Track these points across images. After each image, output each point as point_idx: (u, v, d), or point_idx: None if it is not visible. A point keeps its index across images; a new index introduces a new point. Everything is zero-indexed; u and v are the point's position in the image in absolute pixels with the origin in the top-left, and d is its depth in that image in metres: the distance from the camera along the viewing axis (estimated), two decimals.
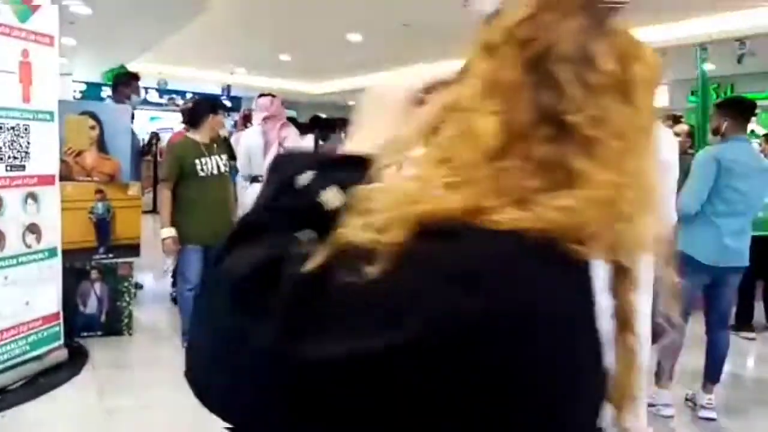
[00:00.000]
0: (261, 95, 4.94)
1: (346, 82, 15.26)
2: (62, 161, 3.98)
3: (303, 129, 6.00)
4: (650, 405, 3.43)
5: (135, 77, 5.26)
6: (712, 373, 3.44)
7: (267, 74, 14.95)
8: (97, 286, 4.21)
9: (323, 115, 5.87)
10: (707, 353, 3.47)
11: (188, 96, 13.25)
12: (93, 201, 4.13)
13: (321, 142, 5.37)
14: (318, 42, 10.37)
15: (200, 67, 13.84)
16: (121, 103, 4.87)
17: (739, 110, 3.37)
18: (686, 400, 3.56)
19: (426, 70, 0.76)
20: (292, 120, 8.00)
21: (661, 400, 3.40)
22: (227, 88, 14.97)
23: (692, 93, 10.74)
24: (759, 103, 10.31)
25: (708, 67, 8.36)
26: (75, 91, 15.31)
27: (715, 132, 3.40)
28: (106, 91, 10.95)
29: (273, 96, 4.84)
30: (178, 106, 11.77)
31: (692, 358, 3.59)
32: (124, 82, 5.12)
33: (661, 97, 11.73)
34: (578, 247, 0.48)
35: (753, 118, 10.57)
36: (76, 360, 3.79)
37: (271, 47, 11.41)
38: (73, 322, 4.04)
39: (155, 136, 8.15)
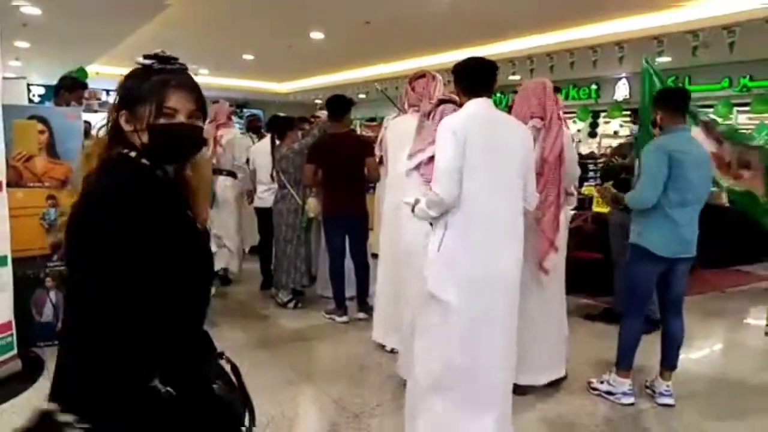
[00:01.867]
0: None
1: (311, 80, 15.19)
2: (11, 167, 3.88)
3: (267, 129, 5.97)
4: (609, 393, 3.48)
5: (82, 85, 4.97)
6: (669, 360, 3.50)
7: (231, 74, 14.79)
8: (53, 293, 4.10)
9: (282, 114, 5.80)
10: (663, 340, 3.53)
11: None
12: (45, 207, 4.02)
13: (277, 142, 5.31)
14: (281, 41, 10.28)
15: None
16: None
17: (671, 100, 3.41)
18: (645, 387, 3.61)
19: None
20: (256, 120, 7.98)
21: (620, 389, 3.45)
22: None
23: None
24: (714, 93, 10.59)
25: (664, 59, 8.54)
26: (33, 95, 14.95)
27: (654, 124, 3.48)
28: None
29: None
30: None
31: (648, 345, 3.65)
32: (67, 87, 4.79)
33: (621, 90, 11.95)
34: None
35: (710, 110, 10.80)
36: (31, 370, 3.69)
37: (234, 47, 11.27)
38: (29, 331, 3.93)
39: None
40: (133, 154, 1.29)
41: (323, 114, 5.19)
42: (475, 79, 2.77)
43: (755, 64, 9.62)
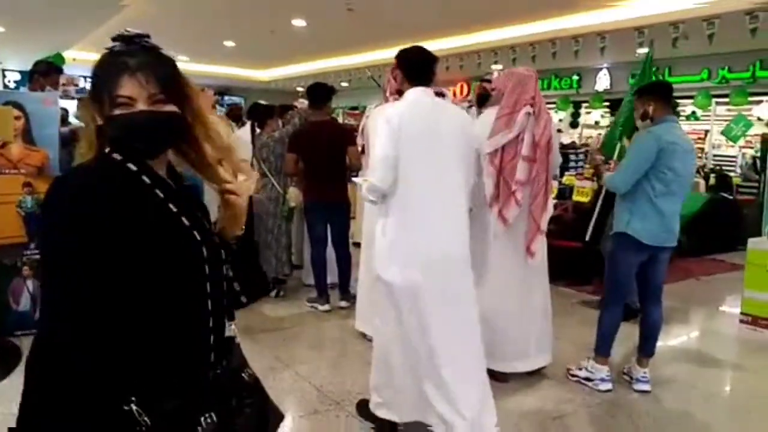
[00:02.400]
0: None
1: (293, 67, 15.07)
2: None
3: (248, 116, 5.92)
4: (587, 380, 3.53)
5: (57, 70, 4.81)
6: (646, 348, 3.55)
7: (212, 61, 14.62)
8: (30, 282, 4.05)
9: (263, 102, 5.74)
10: (641, 328, 3.59)
11: None
12: (21, 194, 3.95)
13: (258, 130, 5.26)
14: (262, 28, 10.18)
15: None
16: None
17: (662, 93, 3.47)
18: (623, 374, 3.67)
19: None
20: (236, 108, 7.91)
21: (598, 375, 3.51)
22: None
23: (632, 76, 11.04)
24: (694, 85, 10.68)
25: (645, 50, 8.58)
26: (9, 81, 14.67)
27: (644, 117, 3.49)
28: None
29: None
30: None
31: (626, 333, 3.71)
32: (42, 72, 4.66)
33: (602, 81, 12.03)
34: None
35: (689, 101, 10.91)
36: (8, 360, 3.65)
37: (215, 33, 11.14)
38: (5, 320, 3.89)
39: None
40: (107, 149, 1.19)
41: (303, 103, 5.16)
42: (415, 68, 2.82)
43: (733, 56, 9.74)
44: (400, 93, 2.88)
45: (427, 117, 2.71)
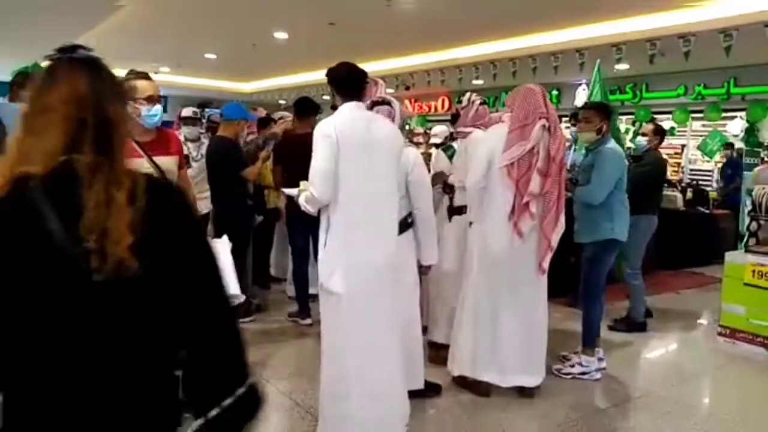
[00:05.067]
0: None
1: (275, 80, 15.07)
2: None
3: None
4: (583, 374, 3.85)
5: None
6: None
7: (193, 73, 14.55)
8: None
9: None
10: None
11: None
12: None
13: None
14: (244, 40, 10.17)
15: (121, 65, 13.29)
16: None
17: (611, 113, 4.15)
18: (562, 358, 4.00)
19: None
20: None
21: (593, 367, 3.85)
22: None
23: (611, 92, 11.19)
24: (671, 101, 10.86)
25: (623, 66, 8.74)
26: None
27: (599, 132, 3.97)
28: None
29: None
30: None
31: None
32: (19, 83, 4.66)
33: (581, 96, 12.16)
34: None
35: (668, 116, 11.07)
36: None
37: (196, 45, 11.10)
38: None
39: None
40: None
41: (286, 117, 5.11)
42: (343, 85, 2.94)
43: (709, 73, 9.94)
44: (334, 108, 2.96)
45: (361, 130, 2.80)
